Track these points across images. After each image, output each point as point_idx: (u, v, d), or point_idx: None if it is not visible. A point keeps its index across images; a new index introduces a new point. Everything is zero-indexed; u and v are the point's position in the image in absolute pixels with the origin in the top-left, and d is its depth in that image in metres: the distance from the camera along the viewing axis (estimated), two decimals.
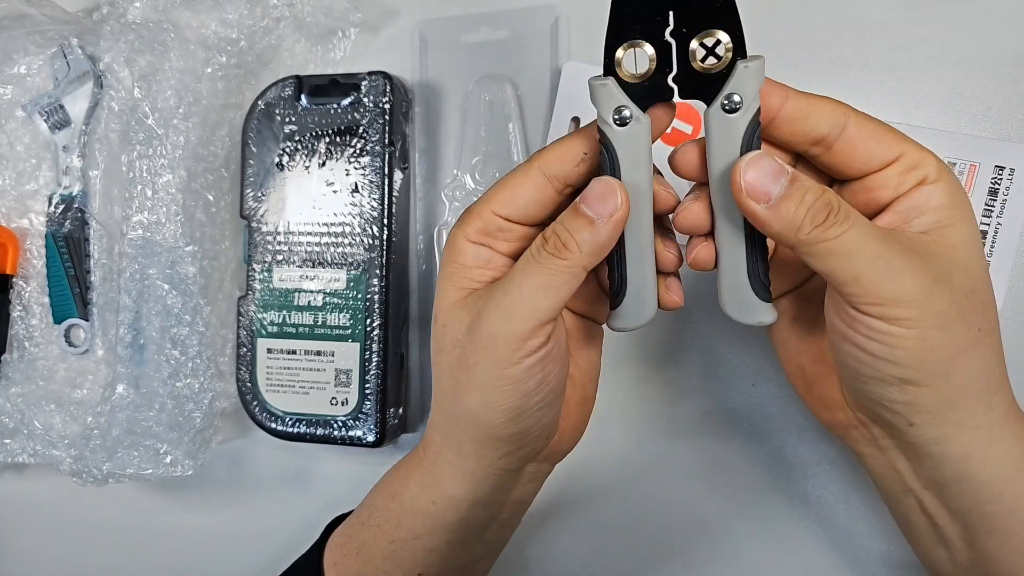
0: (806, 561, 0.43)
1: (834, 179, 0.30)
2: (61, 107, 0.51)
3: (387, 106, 0.45)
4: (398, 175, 0.46)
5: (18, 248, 0.52)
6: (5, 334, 0.52)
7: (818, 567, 0.43)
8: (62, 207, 0.51)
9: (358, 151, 0.46)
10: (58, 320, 0.51)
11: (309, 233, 0.46)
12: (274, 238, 0.47)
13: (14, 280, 0.52)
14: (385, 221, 0.45)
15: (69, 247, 0.51)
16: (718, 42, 0.27)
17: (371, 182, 0.45)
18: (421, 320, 0.48)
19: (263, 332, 0.47)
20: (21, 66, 0.52)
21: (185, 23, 0.48)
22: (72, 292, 0.51)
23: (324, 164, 0.46)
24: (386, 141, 0.45)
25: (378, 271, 0.45)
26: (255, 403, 0.47)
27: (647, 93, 0.28)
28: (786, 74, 0.43)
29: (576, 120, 0.45)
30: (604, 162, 0.29)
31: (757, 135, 0.28)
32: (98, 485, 0.47)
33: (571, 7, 0.46)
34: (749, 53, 0.27)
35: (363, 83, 0.46)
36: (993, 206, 0.41)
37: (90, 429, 0.48)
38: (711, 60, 0.27)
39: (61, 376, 0.52)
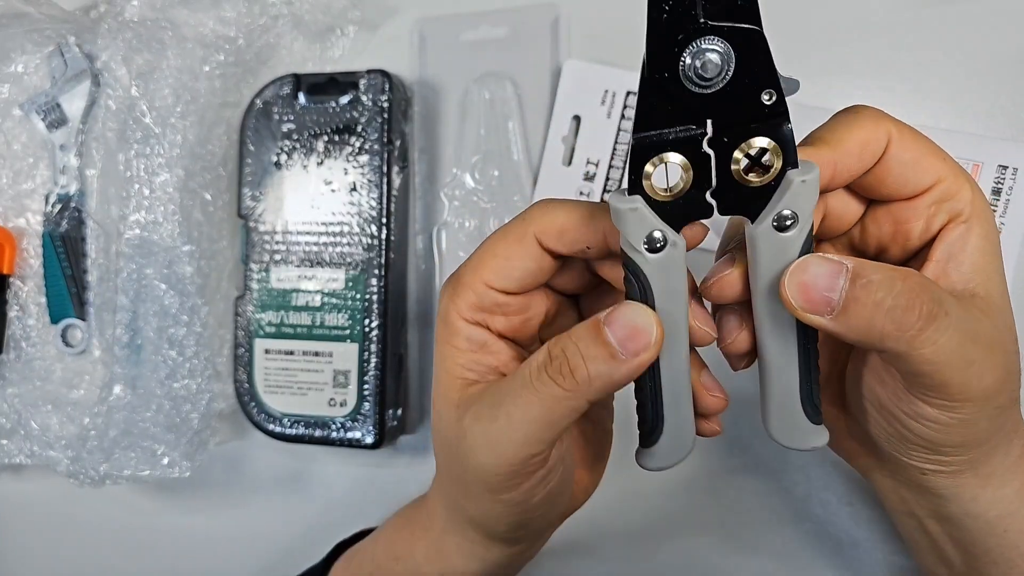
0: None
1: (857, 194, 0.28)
2: (58, 106, 0.50)
3: (386, 104, 0.45)
4: (397, 174, 0.46)
5: (15, 247, 0.52)
6: (2, 334, 0.52)
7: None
8: (59, 206, 0.51)
9: (356, 150, 0.45)
10: (55, 320, 0.51)
11: (307, 233, 0.46)
12: (272, 238, 0.46)
13: (11, 280, 0.52)
14: (384, 220, 0.45)
15: (66, 247, 0.50)
16: (764, 151, 0.23)
17: (369, 181, 0.45)
18: (420, 320, 0.48)
19: (261, 332, 0.47)
20: (18, 64, 0.52)
21: (183, 21, 0.48)
22: (69, 292, 0.50)
23: (322, 163, 0.46)
24: (385, 140, 0.45)
25: (376, 271, 0.45)
26: (253, 404, 0.47)
27: (681, 211, 0.24)
28: (787, 73, 0.43)
29: (577, 119, 0.45)
30: (632, 290, 0.25)
31: (811, 249, 0.24)
32: (95, 486, 0.47)
33: (572, 5, 0.46)
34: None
35: (361, 81, 0.45)
36: (996, 206, 0.40)
37: (87, 430, 0.47)
38: (757, 172, 0.23)
39: (58, 376, 0.52)
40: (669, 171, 0.23)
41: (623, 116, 0.44)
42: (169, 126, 0.46)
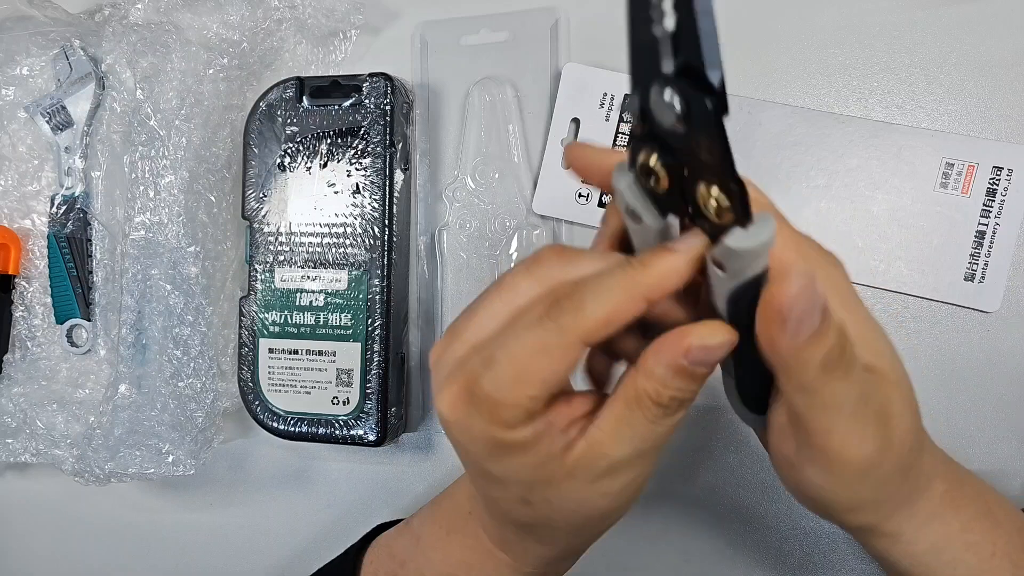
0: None
1: None
2: (63, 108, 0.51)
3: (388, 107, 0.46)
4: (399, 176, 0.47)
5: (20, 249, 0.52)
6: (7, 334, 0.52)
7: None
8: (64, 208, 0.51)
9: (359, 152, 0.46)
10: (60, 320, 0.51)
11: (310, 234, 0.46)
12: (276, 239, 0.47)
13: (16, 280, 0.53)
14: (386, 222, 0.46)
15: (71, 247, 0.51)
16: (715, 200, 0.22)
17: (372, 183, 0.46)
18: (421, 320, 0.49)
19: (265, 332, 0.47)
20: (23, 67, 0.52)
21: (187, 25, 0.49)
22: (74, 292, 0.51)
23: (325, 165, 0.46)
24: (387, 142, 0.46)
25: (379, 271, 0.45)
26: (257, 403, 0.47)
27: (665, 204, 0.24)
28: (786, 74, 0.44)
29: (576, 122, 0.46)
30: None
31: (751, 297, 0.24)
32: (100, 485, 0.47)
33: (571, 9, 0.46)
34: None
35: (364, 84, 0.46)
36: (991, 207, 0.41)
37: (92, 429, 0.48)
38: (714, 210, 0.22)
39: (63, 376, 0.52)
40: (647, 172, 0.23)
41: (621, 119, 0.45)
42: (174, 128, 0.47)
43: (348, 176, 0.46)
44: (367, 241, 0.46)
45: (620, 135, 0.45)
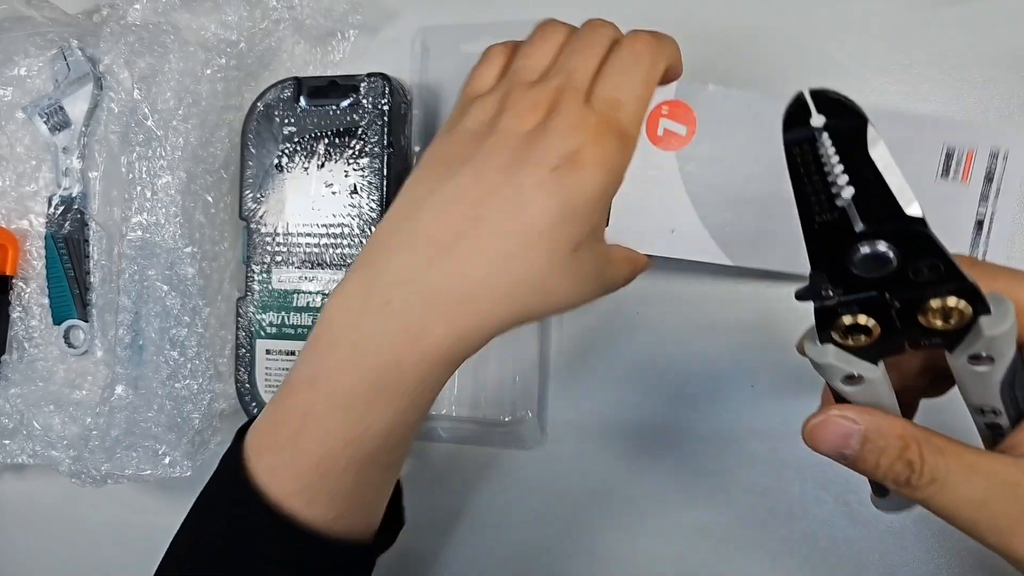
0: None
1: None
2: (61, 109, 0.51)
3: (386, 107, 0.45)
4: (397, 177, 0.46)
5: (18, 249, 0.52)
6: (5, 335, 0.52)
7: None
8: (62, 208, 0.51)
9: (357, 152, 0.46)
10: (57, 321, 0.51)
11: (308, 234, 0.46)
12: (273, 239, 0.47)
13: (14, 281, 0.52)
14: None
15: (69, 248, 0.51)
16: (952, 308, 0.23)
17: (370, 183, 0.46)
18: None
19: (262, 333, 0.47)
20: (21, 68, 0.52)
21: (185, 25, 0.49)
22: (71, 293, 0.51)
23: (323, 165, 0.46)
24: (385, 142, 0.45)
25: None
26: (254, 404, 0.47)
27: (874, 352, 0.25)
28: (785, 75, 0.43)
29: None
30: None
31: (1021, 378, 0.25)
32: (97, 486, 0.47)
33: (571, 21, 0.46)
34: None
35: (362, 85, 0.46)
36: (988, 192, 0.41)
37: (89, 430, 0.48)
38: (944, 322, 0.23)
39: (60, 377, 0.52)
40: (855, 330, 0.24)
41: None
42: (171, 129, 0.46)
43: (346, 176, 0.46)
44: (365, 242, 0.46)
45: None
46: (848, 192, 0.22)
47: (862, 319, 0.24)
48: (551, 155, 0.27)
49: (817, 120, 0.22)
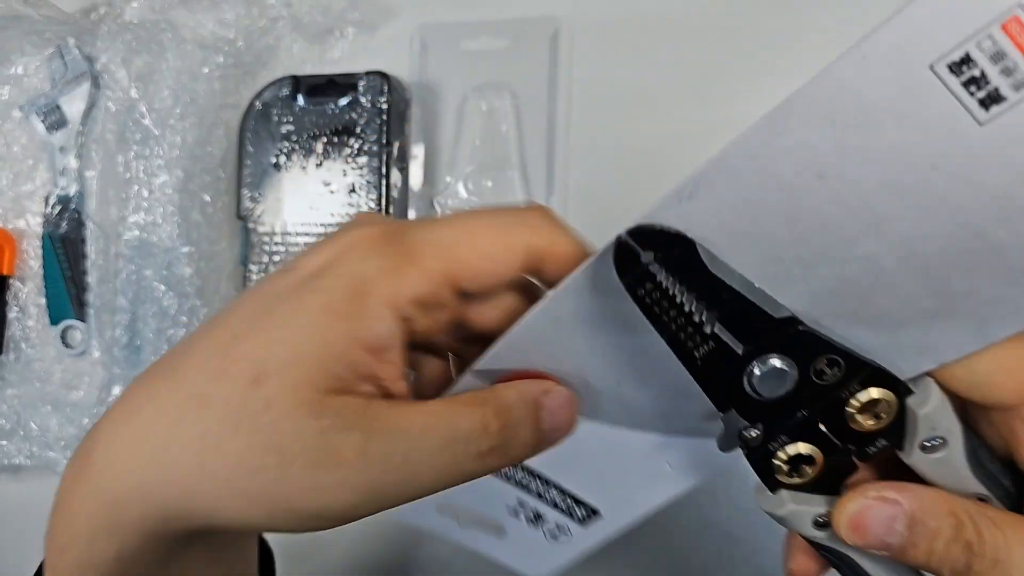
0: None
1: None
2: (58, 107, 0.50)
3: (384, 106, 0.45)
4: (396, 175, 0.46)
5: (15, 249, 0.52)
6: (2, 335, 0.52)
7: None
8: (59, 208, 0.51)
9: (355, 151, 0.45)
10: (54, 321, 0.51)
11: (306, 234, 0.46)
12: (271, 239, 0.46)
13: (11, 281, 0.52)
14: None
15: (66, 248, 0.50)
16: (876, 400, 0.21)
17: (368, 182, 0.45)
18: None
19: None
20: (18, 66, 0.52)
21: (182, 23, 0.48)
22: (68, 293, 0.51)
23: (321, 164, 0.46)
24: (383, 141, 0.45)
25: None
26: None
27: (828, 481, 0.22)
28: (785, 76, 0.43)
29: None
30: (835, 563, 0.24)
31: (985, 453, 0.22)
32: None
33: (572, 19, 0.46)
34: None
35: (360, 83, 0.45)
36: None
37: (86, 431, 0.47)
38: (875, 419, 0.22)
39: (57, 378, 0.52)
40: (799, 461, 0.22)
41: None
42: (168, 128, 0.46)
43: (344, 175, 0.46)
44: None
45: None
46: (709, 317, 0.20)
47: (801, 447, 0.22)
48: None
49: (647, 256, 0.20)
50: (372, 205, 0.45)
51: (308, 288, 0.21)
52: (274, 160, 0.47)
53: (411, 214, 0.48)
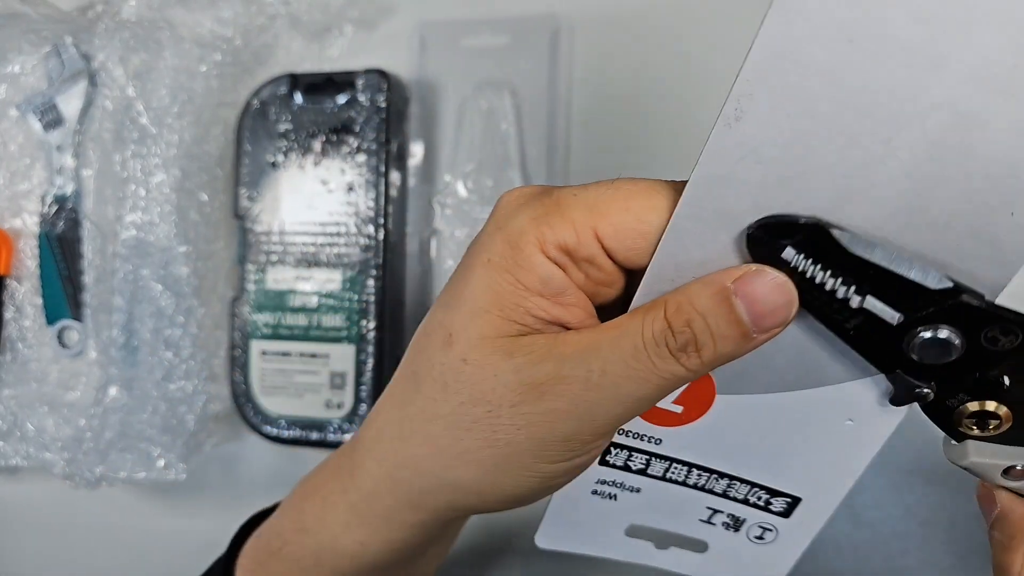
0: None
1: None
2: (55, 106, 0.50)
3: (383, 104, 0.45)
4: (395, 174, 0.46)
5: (11, 249, 0.52)
6: None
7: None
8: (55, 207, 0.50)
9: (354, 150, 0.45)
10: (51, 321, 0.51)
11: (304, 233, 0.46)
12: (268, 238, 0.46)
13: (7, 281, 0.52)
14: (381, 221, 0.45)
15: (62, 247, 0.50)
16: None
17: (367, 181, 0.45)
18: (417, 321, 0.48)
19: (257, 334, 0.46)
20: (15, 65, 0.52)
21: (180, 21, 0.48)
22: (65, 293, 0.50)
23: (319, 163, 0.46)
24: (382, 140, 0.45)
25: (374, 272, 0.45)
26: (249, 406, 0.47)
27: (1020, 433, 0.22)
28: None
29: None
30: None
31: None
32: (91, 488, 0.47)
33: (573, 17, 0.45)
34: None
35: (359, 81, 0.45)
36: None
37: (83, 432, 0.47)
38: None
39: (54, 378, 0.51)
40: (985, 416, 0.22)
41: None
42: (165, 126, 0.46)
43: (342, 174, 0.45)
44: (361, 241, 0.45)
45: None
46: (859, 291, 0.20)
47: (985, 404, 0.22)
48: None
49: (779, 246, 0.20)
50: (371, 204, 0.45)
51: (471, 252, 0.23)
52: (272, 159, 0.46)
53: (410, 214, 0.47)
